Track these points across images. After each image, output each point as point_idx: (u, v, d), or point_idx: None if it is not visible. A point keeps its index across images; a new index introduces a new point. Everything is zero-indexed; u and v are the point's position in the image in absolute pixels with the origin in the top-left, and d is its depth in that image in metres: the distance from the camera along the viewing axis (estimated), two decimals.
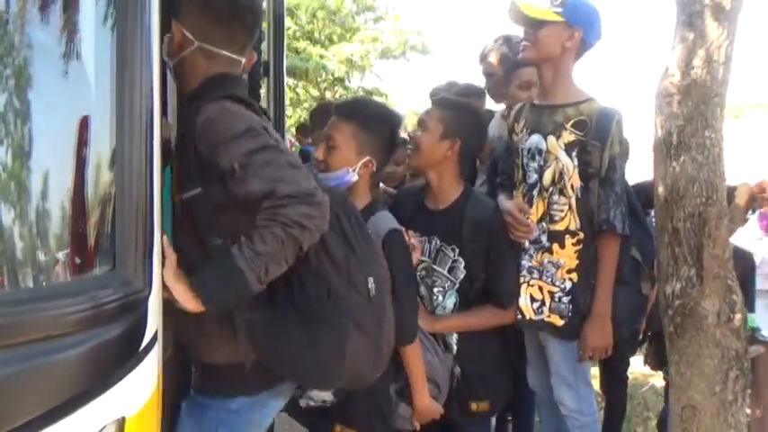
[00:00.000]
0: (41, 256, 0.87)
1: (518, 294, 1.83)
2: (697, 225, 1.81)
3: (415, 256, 1.70)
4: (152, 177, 0.97)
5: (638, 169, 2.52)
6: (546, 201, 1.83)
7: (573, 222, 1.80)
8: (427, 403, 1.63)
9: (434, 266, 1.79)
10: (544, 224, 1.83)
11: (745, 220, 2.39)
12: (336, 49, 12.69)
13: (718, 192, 1.82)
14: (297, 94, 13.77)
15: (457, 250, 1.77)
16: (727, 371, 1.75)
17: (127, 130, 0.92)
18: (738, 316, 1.74)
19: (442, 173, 1.80)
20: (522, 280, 1.87)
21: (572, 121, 1.78)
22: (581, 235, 1.80)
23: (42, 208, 0.85)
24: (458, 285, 1.78)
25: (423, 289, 1.80)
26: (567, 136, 1.78)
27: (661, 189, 1.89)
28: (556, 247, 1.81)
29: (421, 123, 1.82)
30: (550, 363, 1.91)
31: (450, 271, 1.78)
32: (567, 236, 1.80)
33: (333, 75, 12.78)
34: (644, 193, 2.12)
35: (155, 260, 0.99)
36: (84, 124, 0.91)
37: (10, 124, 0.83)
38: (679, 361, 1.85)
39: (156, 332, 1.03)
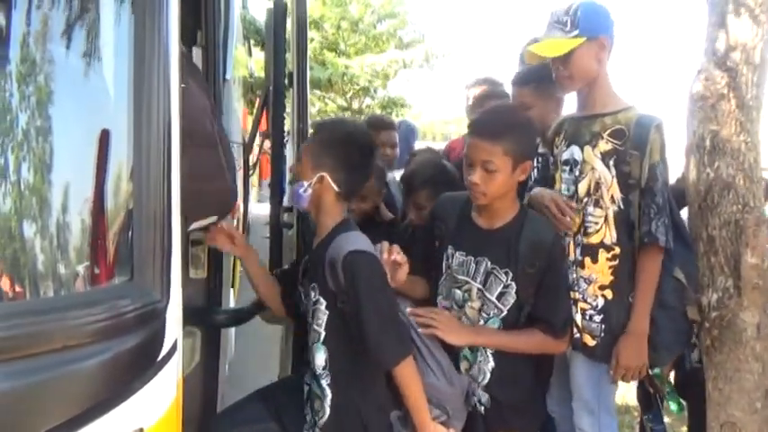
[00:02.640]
0: (59, 267, 0.87)
1: (571, 322, 1.72)
2: (733, 233, 1.74)
3: (401, 273, 1.58)
4: (170, 188, 0.97)
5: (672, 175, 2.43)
6: (581, 212, 1.74)
7: (608, 236, 1.69)
8: (432, 428, 1.51)
9: (485, 292, 1.64)
10: (579, 237, 1.74)
11: None
12: (361, 60, 12.80)
13: (756, 198, 1.75)
14: (325, 103, 13.90)
15: (510, 274, 1.61)
16: None
17: (145, 142, 0.92)
18: None
19: (507, 196, 1.64)
20: None
21: (609, 131, 1.70)
22: (616, 250, 1.69)
23: (60, 219, 0.86)
24: (505, 313, 1.63)
25: (464, 314, 1.68)
26: (604, 145, 1.70)
27: (695, 196, 1.83)
28: (588, 261, 1.71)
29: (480, 164, 1.57)
30: (573, 385, 1.81)
31: (499, 297, 1.63)
32: (602, 250, 1.70)
33: (357, 84, 12.88)
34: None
35: (173, 270, 0.99)
36: (103, 136, 0.92)
37: (30, 137, 0.83)
38: (717, 376, 1.78)
39: (175, 342, 1.03)
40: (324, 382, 1.51)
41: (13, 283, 0.85)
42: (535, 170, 2.21)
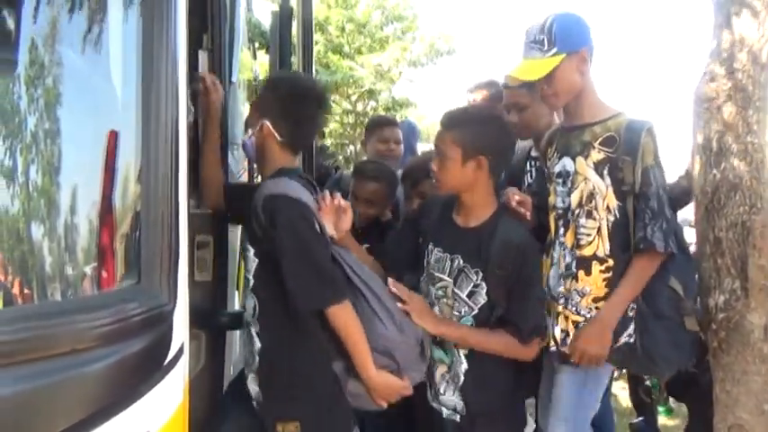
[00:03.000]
0: (67, 271, 0.88)
1: (541, 330, 1.65)
2: (740, 235, 1.73)
3: (346, 221, 1.61)
4: (178, 191, 0.97)
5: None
6: (574, 224, 1.70)
7: (601, 248, 1.66)
8: (377, 378, 1.48)
9: (454, 289, 1.65)
10: (573, 249, 1.70)
11: None
12: (365, 60, 12.79)
13: (763, 199, 1.74)
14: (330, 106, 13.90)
15: (480, 274, 1.61)
16: None
17: (153, 145, 0.92)
18: None
19: (474, 191, 1.64)
20: (554, 308, 1.72)
21: (600, 139, 1.66)
22: (610, 262, 1.65)
23: (68, 222, 0.86)
24: (476, 311, 1.62)
25: (436, 309, 1.68)
26: (596, 155, 1.65)
27: (701, 197, 1.83)
28: (581, 273, 1.67)
29: (437, 151, 1.66)
30: (554, 397, 1.74)
31: (470, 295, 1.63)
32: (595, 262, 1.66)
33: (362, 86, 12.88)
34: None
35: (180, 273, 0.99)
36: (111, 139, 0.92)
37: (39, 141, 0.84)
38: (724, 378, 1.77)
39: (182, 345, 1.03)
40: (253, 330, 1.53)
41: (21, 286, 0.86)
42: (528, 175, 2.20)
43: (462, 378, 1.65)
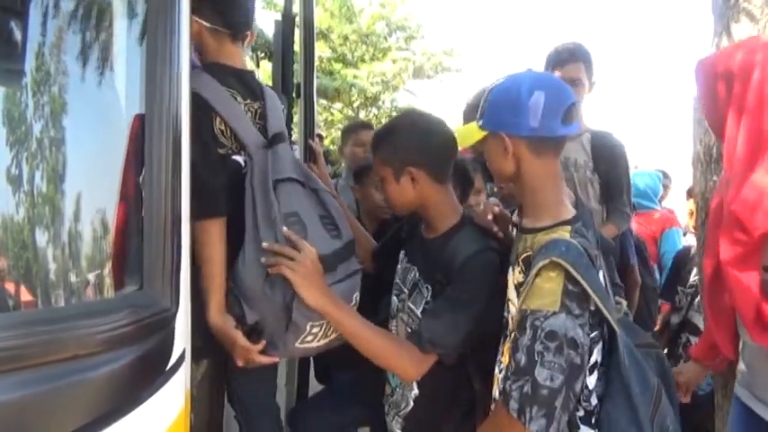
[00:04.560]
0: (69, 276, 0.88)
1: (441, 348, 1.36)
2: None
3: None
4: (180, 196, 0.98)
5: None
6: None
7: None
8: (216, 319, 1.32)
9: (409, 303, 1.50)
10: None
11: None
12: (368, 68, 12.88)
13: None
14: (332, 114, 13.98)
15: (430, 290, 1.45)
16: None
17: (155, 151, 0.93)
18: None
19: (426, 205, 1.49)
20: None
21: (523, 256, 1.26)
22: None
23: (71, 228, 0.87)
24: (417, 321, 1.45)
25: (394, 323, 1.57)
26: (517, 275, 1.27)
27: (702, 204, 1.83)
28: None
29: (377, 176, 1.54)
30: None
31: (423, 312, 1.45)
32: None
33: (365, 95, 12.95)
34: None
35: (182, 279, 1.00)
36: (114, 147, 0.93)
37: (43, 148, 0.85)
38: (725, 384, 1.76)
39: (184, 351, 1.04)
40: None
41: (23, 291, 0.86)
42: None
43: (412, 404, 1.49)
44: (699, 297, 2.27)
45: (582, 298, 1.12)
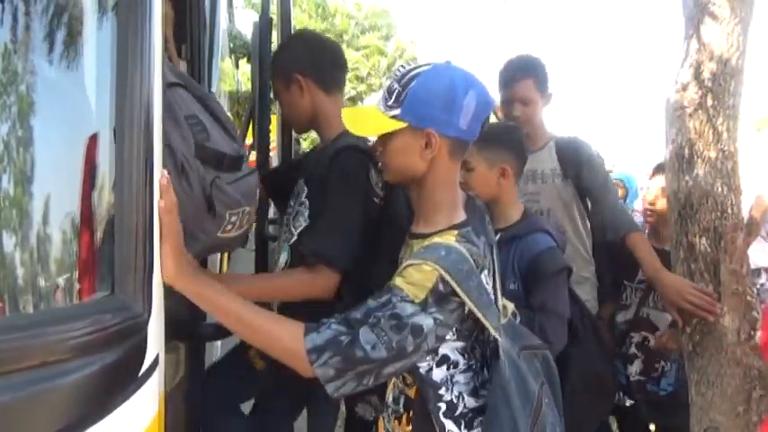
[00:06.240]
0: (37, 282, 0.86)
1: (325, 257, 1.32)
2: (713, 240, 1.77)
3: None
4: (152, 200, 0.97)
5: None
6: None
7: None
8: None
9: (292, 222, 1.55)
10: None
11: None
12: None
13: (734, 205, 1.78)
14: None
15: (306, 190, 1.49)
16: (749, 390, 1.70)
17: (126, 153, 0.92)
18: (759, 333, 1.68)
19: (317, 116, 1.62)
20: None
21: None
22: None
23: (39, 232, 0.85)
24: (294, 238, 1.42)
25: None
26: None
27: (674, 204, 1.86)
28: None
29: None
30: None
31: (295, 216, 1.45)
32: None
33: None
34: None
35: (155, 283, 0.98)
36: (84, 147, 0.91)
37: (10, 148, 0.83)
38: (699, 381, 1.80)
39: (157, 356, 1.02)
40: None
41: None
42: None
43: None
44: (653, 292, 2.11)
45: (448, 301, 1.07)
